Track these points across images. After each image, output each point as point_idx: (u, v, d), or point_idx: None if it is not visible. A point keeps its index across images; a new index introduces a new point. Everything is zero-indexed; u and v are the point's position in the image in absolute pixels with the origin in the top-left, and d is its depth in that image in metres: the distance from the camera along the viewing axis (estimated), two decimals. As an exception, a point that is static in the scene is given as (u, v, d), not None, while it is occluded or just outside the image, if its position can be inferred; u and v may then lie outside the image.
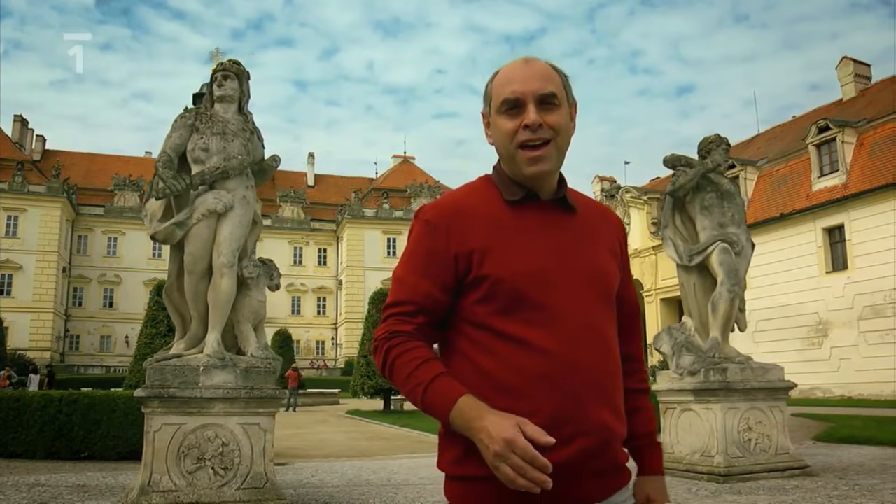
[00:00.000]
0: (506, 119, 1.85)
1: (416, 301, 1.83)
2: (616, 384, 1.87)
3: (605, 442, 1.78)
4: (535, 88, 1.83)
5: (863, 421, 18.12)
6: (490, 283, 1.78)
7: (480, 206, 1.88)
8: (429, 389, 1.70)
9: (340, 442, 17.48)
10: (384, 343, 1.82)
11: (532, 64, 1.89)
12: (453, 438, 1.76)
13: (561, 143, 1.86)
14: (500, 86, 1.88)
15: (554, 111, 1.84)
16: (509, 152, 1.86)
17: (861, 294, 29.79)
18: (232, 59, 8.33)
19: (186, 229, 7.64)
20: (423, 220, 1.89)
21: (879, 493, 8.23)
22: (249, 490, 7.16)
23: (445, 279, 1.83)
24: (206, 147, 7.73)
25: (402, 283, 1.88)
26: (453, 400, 1.66)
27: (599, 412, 1.76)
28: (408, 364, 1.75)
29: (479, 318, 1.80)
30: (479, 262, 1.80)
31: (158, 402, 7.16)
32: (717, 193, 10.58)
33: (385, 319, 1.87)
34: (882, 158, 29.67)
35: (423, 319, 1.83)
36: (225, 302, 7.63)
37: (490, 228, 1.83)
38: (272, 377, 7.58)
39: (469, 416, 1.62)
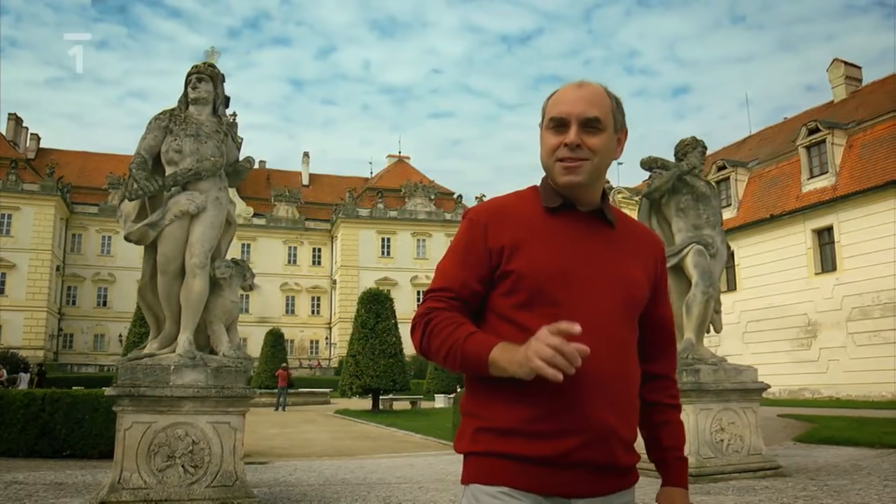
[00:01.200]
0: (551, 135, 1.99)
1: (454, 288, 1.97)
2: (627, 389, 1.96)
3: (603, 440, 1.85)
4: (580, 111, 1.95)
5: (846, 422, 18.21)
6: (515, 277, 1.92)
7: (521, 210, 2.03)
8: (467, 342, 1.82)
9: (324, 441, 17.55)
10: (422, 318, 1.95)
11: (584, 87, 2.01)
12: (469, 417, 1.96)
13: (599, 163, 1.98)
14: (552, 105, 2.01)
15: (596, 135, 1.96)
16: (549, 165, 2.00)
17: (850, 295, 29.87)
18: (206, 62, 8.42)
19: (159, 230, 7.72)
20: (468, 219, 2.06)
21: (846, 494, 8.32)
22: (219, 488, 7.25)
23: (481, 271, 1.97)
24: (180, 149, 7.81)
25: (442, 273, 2.04)
26: (491, 345, 1.78)
27: (601, 411, 1.85)
28: (444, 328, 1.88)
29: (502, 310, 1.95)
30: (509, 257, 1.94)
31: (129, 401, 7.23)
32: (693, 196, 10.67)
33: (424, 301, 2.01)
34: (871, 160, 29.75)
35: (459, 303, 1.96)
36: (197, 302, 7.71)
37: (523, 228, 1.97)
38: (243, 377, 7.66)
39: (507, 350, 1.75)
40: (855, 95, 36.22)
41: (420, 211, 75.77)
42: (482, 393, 1.92)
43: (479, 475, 1.90)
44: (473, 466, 1.93)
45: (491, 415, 1.88)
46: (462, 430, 1.99)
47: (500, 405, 1.87)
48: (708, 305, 10.33)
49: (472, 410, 1.96)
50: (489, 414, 1.89)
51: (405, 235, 74.85)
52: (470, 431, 1.94)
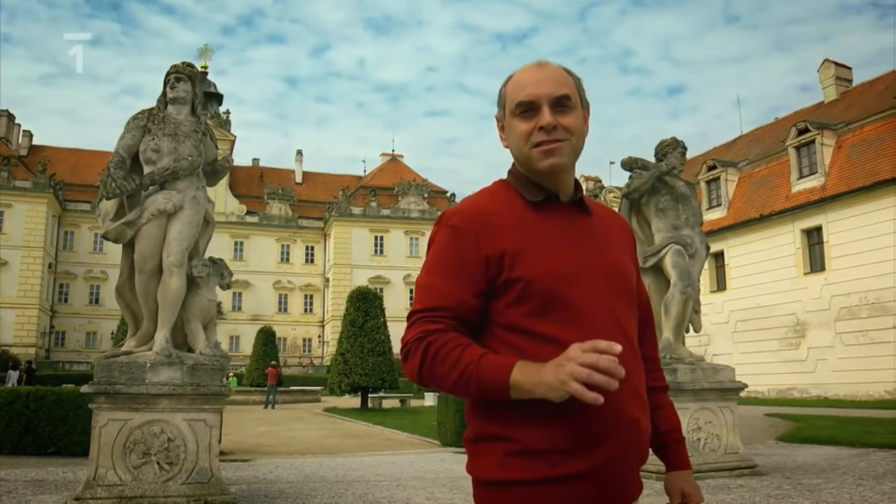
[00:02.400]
0: (521, 121, 1.89)
1: (447, 306, 1.80)
2: (642, 381, 1.91)
3: (638, 439, 1.82)
4: (549, 91, 1.86)
5: (830, 421, 18.32)
6: (523, 284, 1.79)
7: (504, 208, 1.89)
8: (481, 365, 1.67)
9: (310, 439, 17.60)
10: (419, 343, 1.77)
11: (546, 67, 1.92)
12: (487, 441, 1.79)
13: (576, 143, 1.89)
14: (515, 89, 1.91)
15: (568, 113, 1.87)
16: (524, 153, 1.89)
17: (837, 295, 30.01)
18: (185, 62, 8.44)
19: (136, 229, 7.78)
20: (450, 226, 1.88)
21: (818, 493, 8.40)
22: (194, 485, 7.30)
23: (478, 283, 1.81)
24: (158, 148, 7.87)
25: (429, 290, 1.85)
26: (510, 366, 1.64)
27: (632, 409, 1.79)
28: (450, 353, 1.71)
29: (512, 320, 1.80)
30: (510, 264, 1.80)
31: (105, 398, 7.30)
32: (673, 196, 10.74)
33: (412, 324, 1.82)
34: (860, 161, 29.89)
35: (455, 322, 1.79)
36: (174, 300, 7.76)
37: (517, 230, 1.84)
38: (219, 374, 7.72)
39: (532, 372, 1.61)
40: (845, 96, 36.34)
41: (413, 209, 75.82)
42: (504, 410, 1.74)
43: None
44: (509, 498, 1.75)
45: (522, 435, 1.72)
46: (483, 454, 1.81)
47: (532, 422, 1.71)
48: (686, 305, 10.40)
49: (495, 432, 1.78)
50: (520, 434, 1.73)
51: (398, 234, 74.90)
52: (498, 456, 1.76)
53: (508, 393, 1.64)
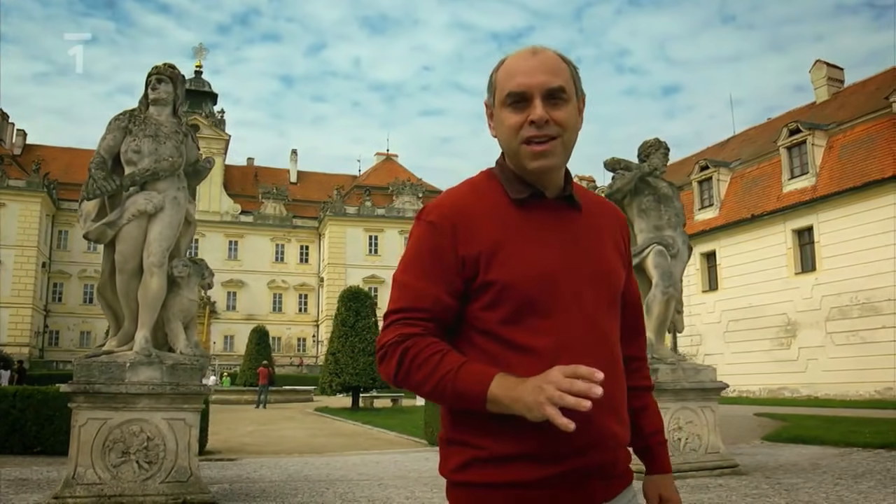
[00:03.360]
0: (510, 112, 1.77)
1: (424, 307, 1.74)
2: (621, 390, 1.83)
3: (613, 451, 1.76)
4: (542, 82, 1.75)
5: (817, 421, 18.40)
6: (497, 288, 1.72)
7: (485, 205, 1.80)
8: (459, 375, 1.62)
9: (299, 438, 17.63)
10: (396, 347, 1.71)
11: (540, 55, 1.80)
12: (458, 445, 1.75)
13: (568, 139, 1.78)
14: (506, 77, 1.80)
15: (561, 106, 1.76)
16: (513, 148, 1.79)
17: (828, 295, 30.16)
18: (167, 63, 8.47)
19: (117, 229, 7.81)
20: (427, 222, 1.80)
21: (795, 492, 8.46)
22: (173, 483, 7.35)
23: (454, 282, 1.75)
24: (139, 149, 7.91)
25: (405, 288, 1.79)
26: (489, 378, 1.59)
27: (608, 422, 1.73)
28: (429, 360, 1.66)
29: (486, 325, 1.74)
30: (486, 265, 1.72)
31: (84, 398, 7.34)
32: (655, 197, 10.81)
33: (389, 325, 1.77)
34: (850, 161, 30.02)
35: (432, 325, 1.74)
36: (154, 300, 7.80)
37: (496, 229, 1.75)
38: (198, 374, 7.77)
39: (512, 383, 1.57)
40: (837, 97, 36.49)
41: (408, 209, 75.78)
42: (473, 418, 1.70)
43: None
44: (467, 498, 1.75)
45: (489, 443, 1.69)
46: (449, 457, 1.79)
47: (502, 431, 1.66)
48: (668, 305, 10.45)
49: (462, 439, 1.75)
50: (487, 442, 1.69)
51: (392, 233, 74.88)
52: (462, 460, 1.74)
53: (485, 406, 1.61)
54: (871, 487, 8.76)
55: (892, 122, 28.59)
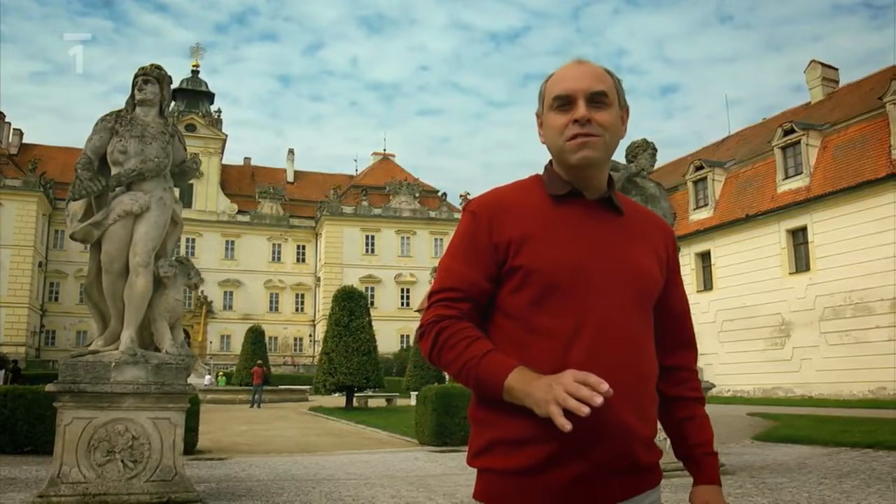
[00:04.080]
0: (557, 115, 1.91)
1: (462, 288, 1.88)
2: (644, 386, 1.87)
3: (621, 440, 1.77)
4: (586, 86, 1.88)
5: (808, 421, 18.45)
6: (523, 273, 1.83)
7: (523, 199, 1.93)
8: (482, 363, 1.74)
9: (290, 438, 17.68)
10: (433, 327, 1.86)
11: (585, 64, 1.95)
12: (480, 426, 1.86)
13: (610, 140, 1.90)
14: (553, 84, 1.94)
15: (603, 109, 1.89)
16: (559, 146, 1.91)
17: (822, 295, 30.21)
18: (153, 64, 8.49)
19: (103, 229, 7.84)
20: (469, 212, 1.95)
21: (778, 492, 8.50)
22: (158, 482, 7.38)
23: (488, 267, 1.87)
24: (125, 149, 7.93)
25: (448, 272, 1.93)
26: (509, 369, 1.70)
27: (620, 412, 1.75)
28: (458, 343, 1.79)
29: (512, 309, 1.85)
30: (516, 251, 1.84)
31: (69, 397, 7.37)
32: (642, 197, 10.83)
33: (431, 305, 1.91)
34: (844, 161, 30.07)
35: (468, 305, 1.87)
36: (140, 300, 7.83)
37: (529, 220, 1.88)
38: (184, 373, 7.79)
39: (525, 381, 1.66)
40: (831, 97, 36.58)
41: (404, 209, 75.91)
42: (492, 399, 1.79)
43: (492, 495, 1.83)
44: (485, 484, 1.85)
45: (506, 423, 1.77)
46: (473, 440, 1.90)
47: (516, 413, 1.72)
48: (655, 305, 10.48)
49: (483, 418, 1.86)
50: (502, 422, 1.78)
51: (389, 233, 74.99)
52: (480, 443, 1.86)
53: (501, 395, 1.71)
54: (855, 487, 8.80)
55: (885, 122, 28.60)
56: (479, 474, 1.87)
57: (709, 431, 2.06)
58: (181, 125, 75.33)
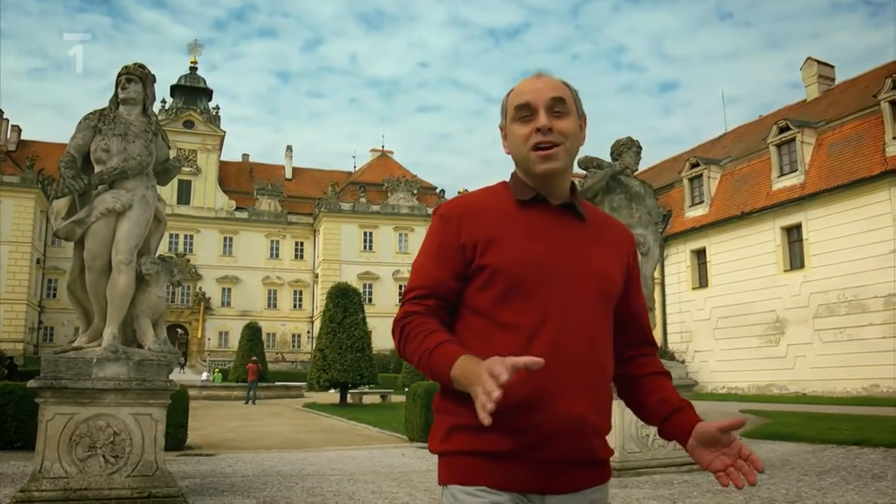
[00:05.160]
0: (519, 125, 2.01)
1: (429, 286, 1.98)
2: (602, 381, 1.95)
3: (577, 433, 1.84)
4: (546, 96, 1.99)
5: (798, 418, 18.49)
6: (489, 271, 1.92)
7: (491, 203, 2.04)
8: (434, 354, 1.82)
9: (281, 434, 17.76)
10: (399, 323, 1.97)
11: (543, 78, 2.05)
12: (442, 414, 1.96)
13: (570, 147, 2.01)
14: (514, 97, 2.05)
15: (563, 118, 1.99)
16: (523, 155, 2.01)
17: (816, 293, 30.27)
18: (137, 63, 8.54)
19: (85, 227, 7.90)
20: (438, 215, 2.06)
21: (756, 488, 8.52)
22: (139, 478, 7.45)
23: (456, 267, 1.97)
24: (108, 148, 8.00)
25: (418, 272, 2.03)
26: (454, 358, 1.77)
27: (575, 403, 1.84)
28: (417, 336, 1.88)
29: (479, 305, 1.95)
30: (482, 251, 1.94)
31: (51, 393, 7.43)
32: (627, 195, 10.91)
33: (403, 304, 2.02)
34: (839, 159, 30.13)
35: (435, 303, 1.97)
36: (122, 297, 7.89)
37: (496, 222, 1.98)
38: (165, 370, 7.86)
39: (468, 367, 1.72)
40: (827, 94, 36.64)
41: (402, 205, 75.89)
42: (455, 389, 1.82)
43: (457, 475, 1.90)
44: (450, 466, 1.93)
45: (465, 411, 1.79)
46: (436, 429, 1.99)
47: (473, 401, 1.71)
48: (638, 303, 10.54)
49: (446, 407, 1.95)
50: (463, 410, 1.81)
51: (387, 230, 74.95)
52: (444, 430, 1.94)
53: (452, 384, 1.78)
54: (833, 484, 8.87)
55: (880, 120, 28.66)
56: (444, 459, 1.95)
57: (674, 394, 2.04)
58: (179, 121, 75.47)
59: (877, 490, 8.34)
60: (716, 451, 1.83)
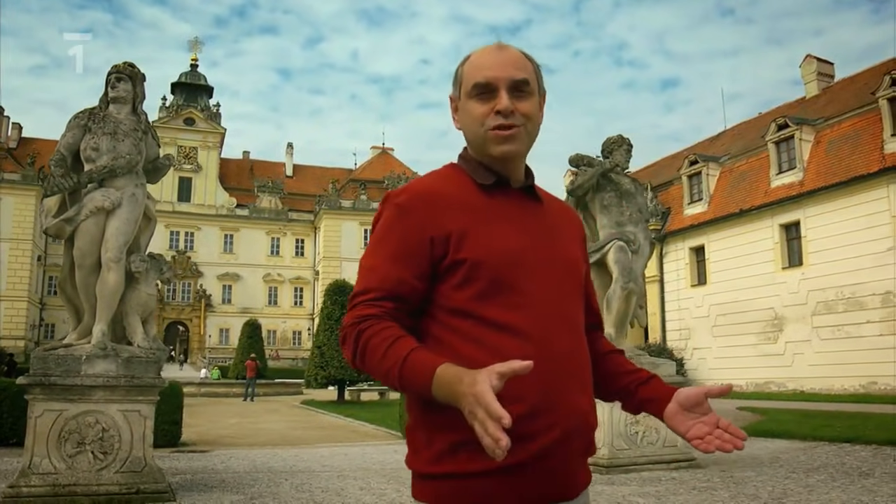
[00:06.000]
0: (477, 103, 1.82)
1: (388, 288, 1.73)
2: (588, 373, 1.85)
3: (583, 426, 1.76)
4: (509, 75, 1.80)
5: (793, 415, 18.52)
6: (469, 266, 1.73)
7: (453, 190, 1.83)
8: (406, 364, 1.59)
9: (277, 431, 17.83)
10: (353, 328, 1.71)
11: (506, 50, 1.86)
12: (435, 431, 1.70)
13: (531, 129, 1.84)
14: (473, 70, 1.85)
15: (526, 99, 1.82)
16: (479, 136, 1.83)
17: (814, 290, 30.28)
18: (126, 62, 8.61)
19: (75, 225, 7.98)
20: (395, 205, 1.81)
21: (742, 486, 8.60)
22: (128, 474, 7.51)
23: (421, 265, 1.75)
24: (97, 146, 8.07)
25: (372, 271, 1.78)
26: (433, 369, 1.55)
27: (578, 398, 1.75)
28: (381, 345, 1.64)
29: (457, 303, 1.74)
30: (457, 245, 1.74)
31: (40, 390, 7.50)
32: (617, 193, 10.95)
33: (353, 307, 1.76)
34: (837, 156, 30.13)
35: (395, 306, 1.73)
36: (111, 295, 7.96)
37: (466, 212, 1.78)
38: (154, 367, 7.92)
39: (451, 381, 1.51)
40: (826, 92, 36.64)
41: (403, 203, 75.94)
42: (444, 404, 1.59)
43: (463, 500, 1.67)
44: (453, 491, 1.68)
45: (463, 424, 1.50)
46: (421, 446, 1.74)
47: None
48: (628, 301, 10.60)
49: (438, 421, 1.67)
50: (460, 424, 1.52)
51: (388, 227, 74.97)
52: (439, 448, 1.68)
53: (431, 396, 1.57)
54: (820, 481, 8.90)
55: (878, 117, 28.65)
56: (434, 480, 1.71)
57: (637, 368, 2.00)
58: (180, 119, 75.61)
59: (862, 487, 8.37)
60: (694, 418, 1.77)
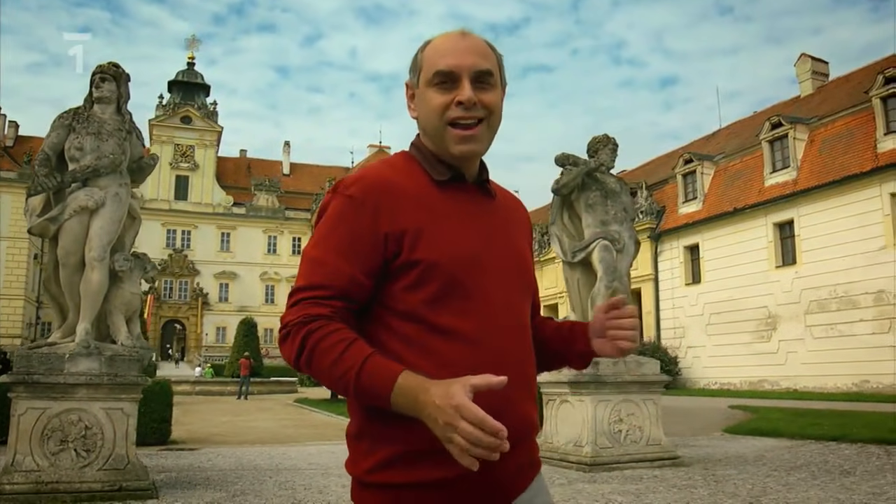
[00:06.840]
0: (436, 92, 1.73)
1: (338, 286, 1.63)
2: (535, 378, 1.84)
3: (529, 435, 1.74)
4: (472, 64, 1.72)
5: (783, 413, 18.56)
6: (423, 267, 1.64)
7: (407, 183, 1.72)
8: (363, 372, 1.50)
9: (267, 429, 17.90)
10: (300, 328, 1.59)
11: (469, 38, 1.76)
12: (379, 440, 1.63)
13: (493, 123, 1.76)
14: (434, 56, 1.75)
15: (489, 90, 1.73)
16: (437, 128, 1.74)
17: (808, 289, 30.36)
18: (111, 62, 8.67)
19: (59, 224, 8.05)
20: (347, 196, 1.69)
21: (723, 484, 8.65)
22: (111, 471, 7.58)
23: (371, 261, 1.65)
24: (81, 146, 8.14)
25: (318, 265, 1.66)
26: (393, 378, 1.48)
27: (525, 405, 1.71)
28: (332, 348, 1.54)
29: (407, 306, 1.65)
30: (412, 244, 1.64)
31: (23, 388, 7.57)
32: (602, 192, 11.01)
33: (295, 304, 1.64)
34: (831, 155, 30.20)
35: (342, 304, 1.63)
36: (95, 293, 8.02)
37: (421, 208, 1.68)
38: (137, 365, 7.98)
39: (414, 390, 1.45)
40: (820, 90, 36.74)
41: (399, 201, 76.05)
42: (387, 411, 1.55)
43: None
44: (393, 500, 1.62)
45: (411, 434, 1.53)
46: (363, 455, 1.66)
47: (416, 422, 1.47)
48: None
49: (384, 432, 1.61)
50: (404, 434, 1.55)
51: (384, 225, 75.07)
52: (383, 456, 1.61)
53: (389, 406, 1.50)
54: (800, 479, 8.95)
55: (871, 116, 28.73)
56: (375, 489, 1.64)
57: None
58: (177, 117, 75.59)
59: (841, 486, 8.42)
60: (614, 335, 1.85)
